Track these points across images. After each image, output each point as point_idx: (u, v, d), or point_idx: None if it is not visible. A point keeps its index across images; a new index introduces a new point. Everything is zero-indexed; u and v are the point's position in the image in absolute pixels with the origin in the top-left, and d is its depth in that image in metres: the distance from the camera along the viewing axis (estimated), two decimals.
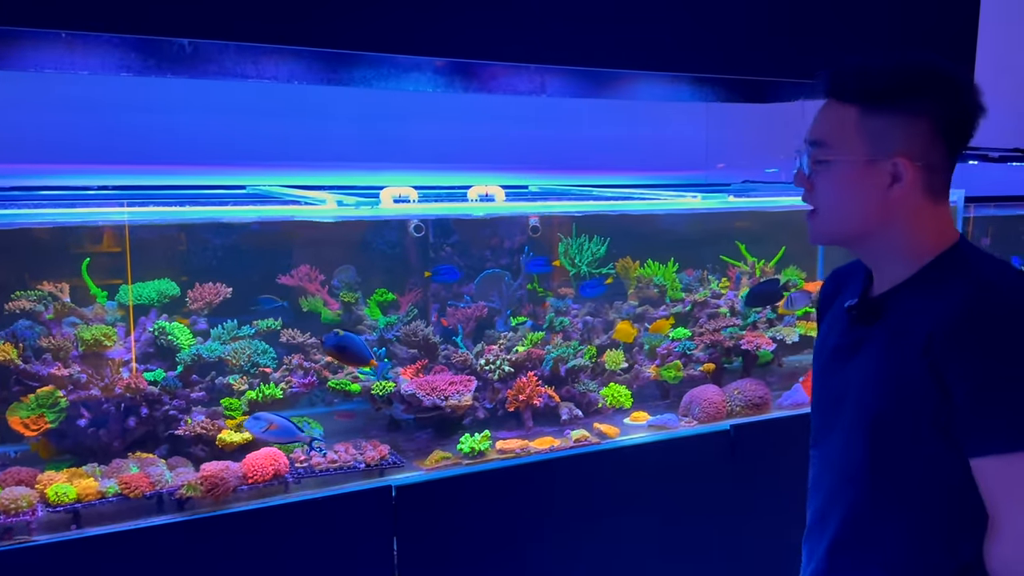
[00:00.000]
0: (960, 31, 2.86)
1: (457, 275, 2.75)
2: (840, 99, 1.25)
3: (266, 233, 2.59)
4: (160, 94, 2.56)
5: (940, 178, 1.22)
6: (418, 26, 2.08)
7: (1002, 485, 1.10)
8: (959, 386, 1.11)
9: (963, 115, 1.20)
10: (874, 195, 1.21)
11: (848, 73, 1.24)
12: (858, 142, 1.21)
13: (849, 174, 1.22)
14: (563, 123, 3.22)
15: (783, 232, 3.32)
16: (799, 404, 2.68)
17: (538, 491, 2.28)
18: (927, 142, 1.19)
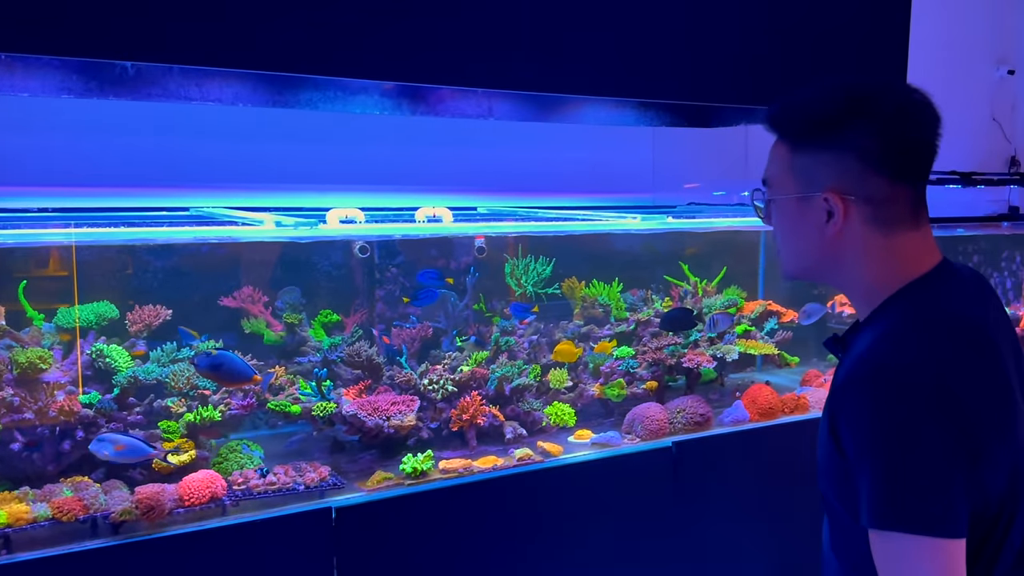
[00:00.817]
0: (892, 56, 2.96)
1: (435, 297, 2.76)
2: (778, 136, 1.24)
3: (209, 255, 2.58)
4: (102, 115, 2.56)
5: (890, 209, 1.16)
6: (365, 49, 2.10)
7: (875, 555, 1.08)
8: (847, 450, 1.10)
9: (901, 141, 1.14)
10: (814, 231, 1.19)
11: (779, 109, 1.22)
12: (791, 180, 1.20)
13: (788, 212, 1.22)
14: (513, 146, 3.26)
15: (726, 253, 3.38)
16: (739, 421, 2.72)
17: (481, 511, 2.29)
18: (859, 174, 1.14)
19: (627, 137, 3.50)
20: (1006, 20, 4.76)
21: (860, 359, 1.10)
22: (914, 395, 1.05)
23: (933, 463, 1.04)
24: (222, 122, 2.74)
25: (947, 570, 1.03)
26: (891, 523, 1.04)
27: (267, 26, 1.98)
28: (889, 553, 1.06)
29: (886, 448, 1.04)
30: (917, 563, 1.03)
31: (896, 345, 1.10)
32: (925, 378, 1.06)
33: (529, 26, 2.29)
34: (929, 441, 1.04)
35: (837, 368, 1.23)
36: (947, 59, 4.31)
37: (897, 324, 1.14)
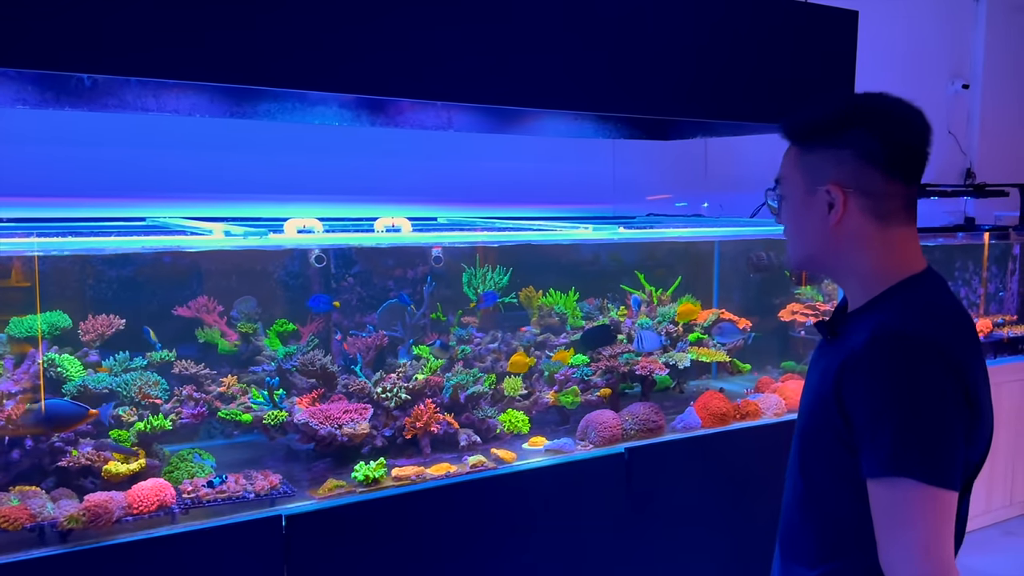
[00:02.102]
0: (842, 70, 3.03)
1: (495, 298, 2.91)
2: (789, 141, 1.39)
3: (164, 265, 2.59)
4: (58, 126, 2.56)
5: (886, 203, 1.30)
6: (324, 61, 2.12)
7: (877, 506, 1.21)
8: (854, 415, 1.23)
9: (893, 140, 1.29)
10: (818, 222, 1.33)
11: (791, 118, 1.38)
12: (799, 176, 1.36)
13: (796, 206, 1.37)
14: (473, 157, 3.29)
15: (682, 262, 3.44)
16: (691, 428, 2.76)
17: (434, 518, 2.31)
18: (855, 168, 1.29)
19: (588, 149, 3.55)
20: (960, 36, 4.88)
21: (876, 332, 1.22)
22: (931, 358, 1.19)
23: (946, 419, 1.18)
24: (182, 133, 2.75)
25: (944, 520, 1.16)
26: (904, 470, 1.16)
27: (224, 38, 1.99)
28: (894, 499, 1.18)
29: (907, 402, 1.17)
30: (920, 509, 1.15)
31: (908, 320, 1.24)
32: (938, 346, 1.20)
33: (488, 39, 2.32)
34: (943, 399, 1.18)
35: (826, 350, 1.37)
36: (904, 74, 4.42)
37: (904, 307, 1.27)
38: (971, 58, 4.91)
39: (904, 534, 1.16)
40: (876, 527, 1.21)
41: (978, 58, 4.89)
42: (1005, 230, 4.39)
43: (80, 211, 2.60)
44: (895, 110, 1.31)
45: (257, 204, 2.90)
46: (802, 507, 1.38)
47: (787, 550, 1.43)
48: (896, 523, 1.17)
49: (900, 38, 4.40)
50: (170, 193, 2.77)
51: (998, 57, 4.94)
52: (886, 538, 1.19)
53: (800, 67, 2.94)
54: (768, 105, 2.92)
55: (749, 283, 3.59)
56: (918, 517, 1.16)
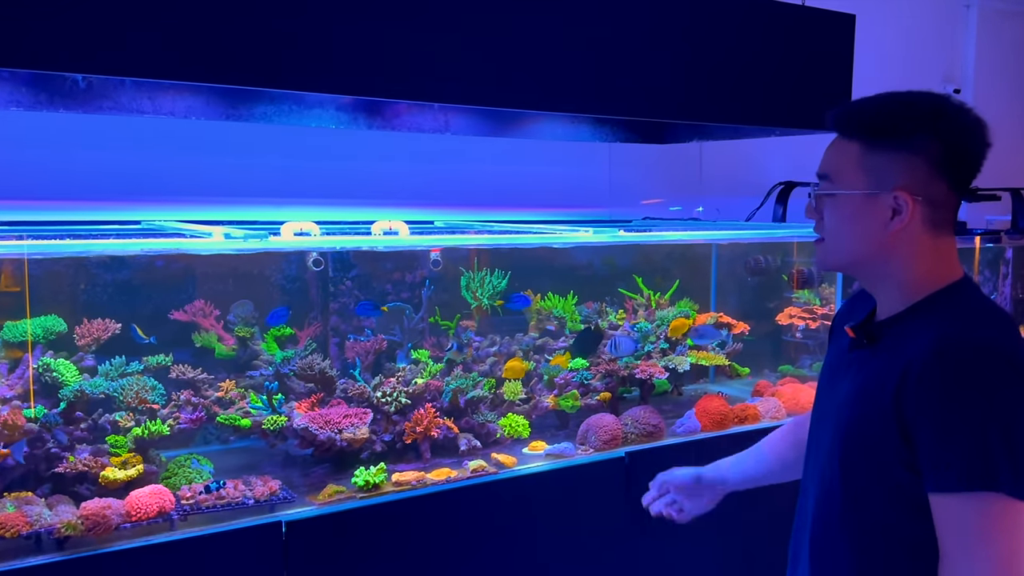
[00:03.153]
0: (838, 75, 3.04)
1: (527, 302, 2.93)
2: (844, 135, 1.32)
3: (160, 268, 2.57)
4: (52, 128, 2.53)
5: (942, 213, 1.27)
6: (321, 63, 2.11)
7: (951, 522, 1.16)
8: (922, 427, 1.17)
9: (963, 151, 1.25)
10: (875, 227, 1.27)
11: (852, 111, 1.31)
12: (860, 176, 1.28)
13: (852, 207, 1.30)
14: (470, 160, 3.28)
15: (679, 266, 3.43)
16: (691, 432, 2.76)
17: (435, 523, 2.29)
18: (926, 176, 1.24)
19: (584, 153, 3.55)
20: (952, 41, 4.91)
21: (943, 344, 1.18)
22: (1005, 368, 1.15)
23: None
24: (177, 135, 2.73)
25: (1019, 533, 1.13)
26: (993, 483, 1.12)
27: (221, 39, 1.98)
28: (979, 513, 1.13)
29: (989, 414, 1.13)
30: (1006, 524, 1.12)
31: (974, 329, 1.20)
32: (1008, 355, 1.16)
33: (486, 41, 2.31)
34: (1022, 407, 1.14)
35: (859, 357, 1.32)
36: (897, 77, 4.40)
37: (963, 313, 1.24)
38: (962, 62, 4.94)
39: (986, 550, 1.12)
40: (948, 544, 1.16)
41: (969, 63, 4.92)
42: (997, 234, 4.40)
43: (74, 214, 2.57)
44: (965, 119, 1.27)
45: (253, 207, 2.88)
46: (841, 521, 1.31)
47: (819, 565, 1.36)
48: (976, 539, 1.13)
49: (893, 42, 4.42)
50: (165, 196, 2.75)
51: (988, 62, 4.97)
52: (962, 555, 1.14)
53: (797, 70, 2.94)
54: (764, 109, 2.93)
55: (746, 287, 3.59)
56: (1003, 532, 1.12)
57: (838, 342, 1.45)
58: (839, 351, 1.42)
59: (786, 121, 3.00)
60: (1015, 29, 5.17)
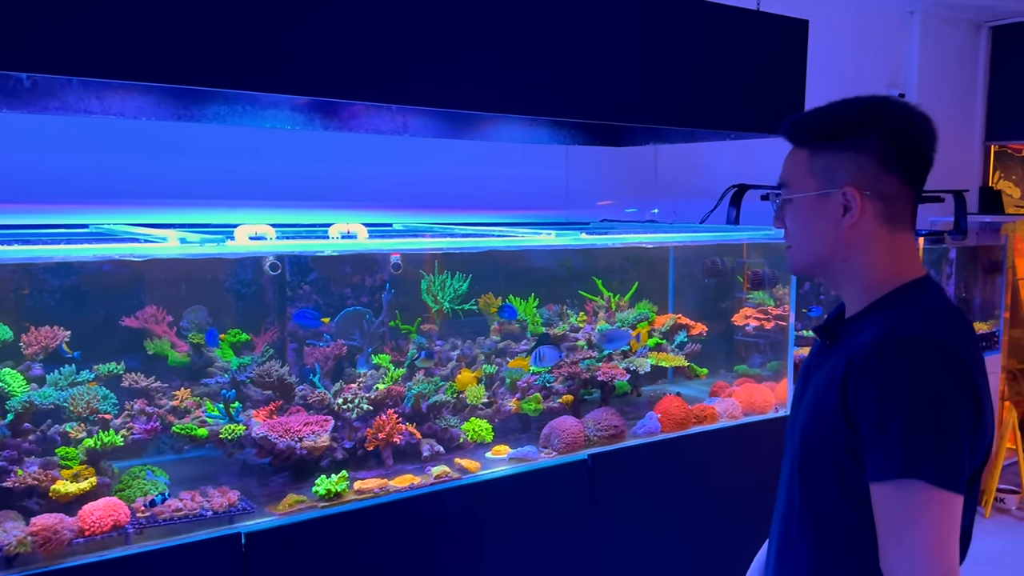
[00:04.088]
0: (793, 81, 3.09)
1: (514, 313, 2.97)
2: (795, 144, 1.38)
3: (110, 273, 2.48)
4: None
5: (896, 208, 1.30)
6: (275, 63, 2.06)
7: (883, 510, 1.19)
8: (861, 418, 1.21)
9: (907, 145, 1.29)
10: (829, 225, 1.32)
11: (798, 120, 1.36)
12: (810, 179, 1.33)
13: (807, 209, 1.34)
14: (428, 162, 3.25)
15: (637, 268, 3.45)
16: (652, 432, 2.77)
17: (399, 531, 2.26)
18: (874, 172, 1.28)
19: (542, 155, 3.54)
20: (896, 47, 5.04)
21: (883, 336, 1.22)
22: (941, 361, 1.18)
23: (955, 422, 1.17)
24: (127, 137, 2.65)
25: (952, 523, 1.16)
26: (915, 471, 1.15)
27: (173, 37, 1.92)
28: (903, 501, 1.16)
29: (917, 404, 1.16)
30: (929, 511, 1.15)
31: (917, 324, 1.24)
32: (947, 349, 1.20)
33: (445, 43, 2.29)
34: (953, 402, 1.18)
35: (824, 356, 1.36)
36: (844, 82, 4.52)
37: (910, 311, 1.27)
38: (906, 68, 5.07)
39: (911, 537, 1.15)
40: (880, 531, 1.19)
41: (913, 68, 5.05)
42: (940, 235, 4.53)
43: (19, 218, 2.48)
44: (908, 115, 1.30)
45: (205, 210, 2.81)
46: (800, 517, 1.35)
47: (782, 559, 1.40)
48: (903, 526, 1.16)
49: (840, 48, 4.51)
50: (114, 199, 2.67)
51: (931, 67, 5.11)
52: (891, 542, 1.17)
53: (751, 75, 2.98)
54: (720, 112, 2.96)
55: (702, 288, 3.63)
56: (926, 520, 1.15)
57: (813, 348, 1.49)
58: (813, 352, 1.47)
59: (741, 125, 3.04)
60: (957, 35, 5.34)
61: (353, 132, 2.94)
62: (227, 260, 2.61)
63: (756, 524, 2.92)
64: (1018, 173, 5.77)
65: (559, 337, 2.98)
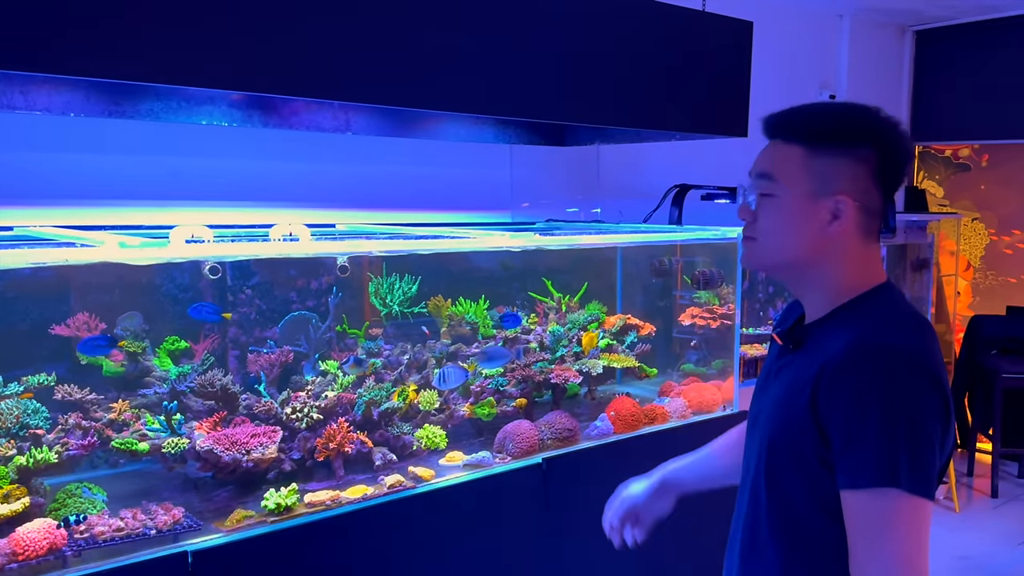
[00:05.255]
0: (736, 83, 3.11)
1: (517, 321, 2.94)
2: (785, 139, 1.33)
3: (34, 278, 2.33)
4: None
5: (874, 221, 1.30)
6: (211, 57, 1.97)
7: (857, 518, 1.18)
8: (834, 426, 1.20)
9: (895, 162, 1.29)
10: (813, 230, 1.29)
11: (794, 115, 1.33)
12: (805, 178, 1.29)
13: (791, 207, 1.30)
14: (371, 161, 3.17)
15: (585, 269, 3.44)
16: (605, 434, 2.76)
17: (353, 543, 2.18)
18: (865, 185, 1.27)
19: (486, 155, 3.50)
20: (827, 49, 5.16)
21: (856, 343, 1.21)
22: (913, 368, 1.18)
23: (930, 430, 1.17)
24: (54, 133, 2.50)
25: (925, 531, 1.16)
26: (892, 480, 1.14)
27: (102, 29, 1.80)
28: (878, 509, 1.16)
29: (892, 412, 1.16)
30: (904, 520, 1.15)
31: (888, 331, 1.23)
32: (919, 357, 1.19)
33: (387, 38, 2.22)
34: (926, 410, 1.17)
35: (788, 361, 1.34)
36: (779, 83, 4.60)
37: (878, 318, 1.26)
38: (837, 70, 5.20)
39: (886, 545, 1.14)
40: (853, 539, 1.19)
41: (843, 70, 5.18)
42: None
43: None
44: (897, 131, 1.30)
45: (138, 210, 2.68)
46: (769, 522, 1.33)
47: (749, 565, 1.38)
48: (877, 534, 1.15)
49: (773, 49, 4.59)
50: (40, 199, 2.51)
51: (860, 70, 5.25)
52: (865, 550, 1.17)
53: (696, 76, 3.00)
54: (665, 113, 2.96)
55: (646, 288, 3.64)
56: (902, 528, 1.14)
57: (771, 350, 1.47)
58: (772, 356, 1.45)
59: (686, 125, 3.05)
60: (883, 39, 5.50)
61: (294, 129, 2.84)
62: (163, 264, 2.48)
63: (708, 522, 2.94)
64: (941, 173, 6.00)
65: (511, 339, 2.93)
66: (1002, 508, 4.86)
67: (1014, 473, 5.37)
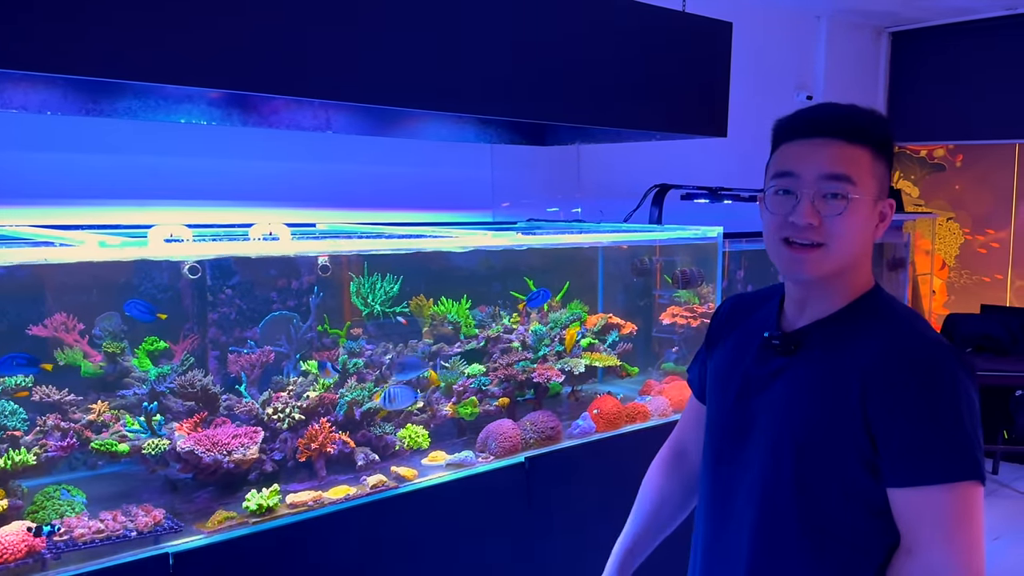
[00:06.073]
0: (716, 84, 3.13)
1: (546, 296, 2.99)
2: (851, 140, 1.29)
3: (10, 278, 2.30)
4: None
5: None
6: (190, 54, 1.95)
7: (927, 514, 1.20)
8: (895, 426, 1.21)
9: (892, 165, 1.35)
10: (870, 232, 1.32)
11: (856, 118, 1.31)
12: (873, 183, 1.31)
13: (866, 211, 1.30)
14: (352, 160, 3.16)
15: (566, 268, 3.44)
16: (587, 433, 2.76)
17: (335, 544, 2.17)
18: (888, 187, 1.34)
19: (467, 154, 3.49)
20: (804, 50, 5.21)
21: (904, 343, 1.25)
22: (962, 364, 1.23)
23: (978, 420, 1.22)
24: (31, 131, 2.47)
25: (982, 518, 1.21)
26: (969, 473, 1.19)
27: (79, 25, 1.78)
28: (957, 503, 1.19)
29: (955, 407, 1.20)
30: (977, 509, 1.20)
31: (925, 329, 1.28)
32: (959, 352, 1.25)
33: (368, 36, 2.22)
34: (977, 402, 1.23)
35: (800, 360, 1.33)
36: (756, 85, 4.64)
37: (904, 315, 1.32)
38: (814, 71, 5.25)
39: (960, 536, 1.18)
40: (923, 536, 1.20)
41: (820, 71, 5.23)
42: None
43: None
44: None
45: (116, 209, 2.66)
46: (800, 530, 1.29)
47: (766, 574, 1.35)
48: (954, 526, 1.19)
49: (750, 50, 4.63)
50: (15, 198, 2.48)
51: (836, 71, 5.30)
52: (936, 545, 1.19)
53: (676, 76, 3.01)
54: (645, 113, 2.97)
55: (626, 287, 3.65)
56: (975, 518, 1.19)
57: (741, 349, 1.42)
58: (752, 359, 1.39)
59: (666, 125, 3.06)
60: (860, 40, 5.56)
61: (274, 128, 2.83)
62: (141, 264, 2.46)
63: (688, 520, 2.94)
64: (916, 173, 6.07)
65: (493, 339, 2.94)
66: None
67: (988, 469, 5.45)
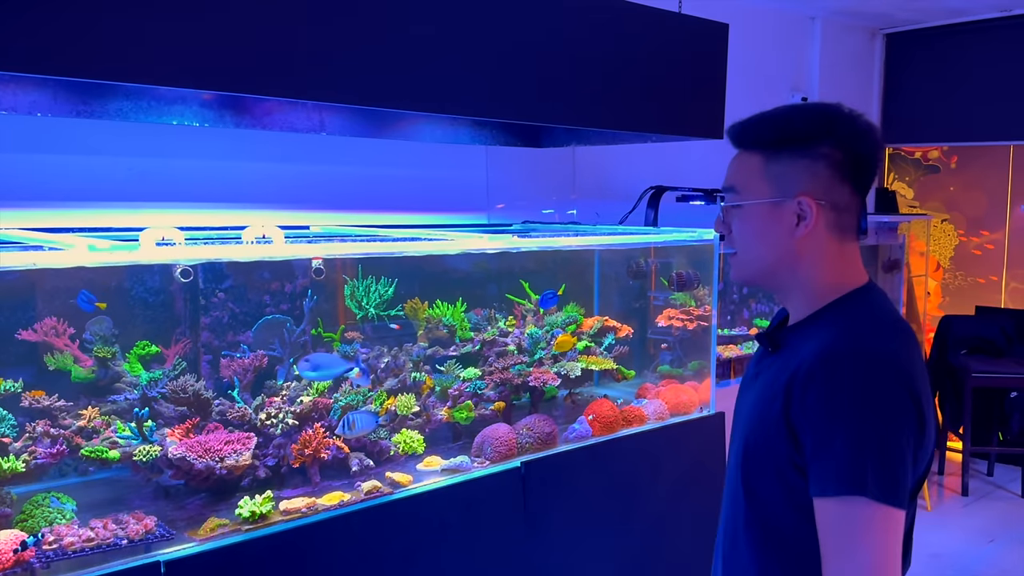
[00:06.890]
0: (712, 85, 3.12)
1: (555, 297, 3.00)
2: (745, 148, 1.34)
3: (1, 283, 2.27)
4: None
5: (846, 217, 1.29)
6: (182, 56, 1.92)
7: (828, 525, 1.17)
8: (805, 432, 1.19)
9: (860, 154, 1.28)
10: (783, 234, 1.29)
11: (750, 124, 1.33)
12: (764, 186, 1.30)
13: (759, 216, 1.31)
14: (346, 162, 3.14)
15: (562, 271, 3.42)
16: (583, 437, 2.74)
17: (330, 551, 2.15)
18: (828, 181, 1.27)
19: (462, 156, 3.47)
20: (799, 51, 5.20)
21: (828, 347, 1.20)
22: (885, 374, 1.17)
23: (899, 437, 1.16)
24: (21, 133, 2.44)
25: (895, 539, 1.14)
26: (859, 487, 1.13)
27: (69, 26, 1.75)
28: (846, 517, 1.15)
29: (861, 418, 1.15)
30: (872, 528, 1.13)
31: (861, 335, 1.22)
32: (892, 362, 1.18)
33: (363, 37, 2.19)
34: (897, 416, 1.16)
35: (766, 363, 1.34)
36: (751, 86, 4.63)
37: (854, 321, 1.25)
38: (808, 72, 5.24)
39: (855, 554, 1.14)
40: (824, 547, 1.17)
41: (814, 72, 5.22)
42: None
43: None
44: (859, 124, 1.30)
45: (107, 211, 2.62)
46: (747, 529, 1.32)
47: (731, 569, 1.37)
48: (847, 542, 1.14)
49: (745, 51, 4.60)
50: (6, 202, 2.45)
51: (831, 72, 5.30)
52: (835, 558, 1.16)
53: (672, 77, 2.99)
54: (641, 114, 2.95)
55: (628, 290, 3.63)
56: (870, 536, 1.13)
57: (757, 352, 1.47)
58: (755, 359, 1.44)
59: (662, 127, 3.04)
60: (854, 42, 5.55)
61: (267, 130, 2.80)
62: (132, 267, 2.43)
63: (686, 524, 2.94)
64: (911, 175, 6.07)
65: (488, 342, 2.91)
66: (972, 506, 4.92)
67: (984, 471, 5.45)
